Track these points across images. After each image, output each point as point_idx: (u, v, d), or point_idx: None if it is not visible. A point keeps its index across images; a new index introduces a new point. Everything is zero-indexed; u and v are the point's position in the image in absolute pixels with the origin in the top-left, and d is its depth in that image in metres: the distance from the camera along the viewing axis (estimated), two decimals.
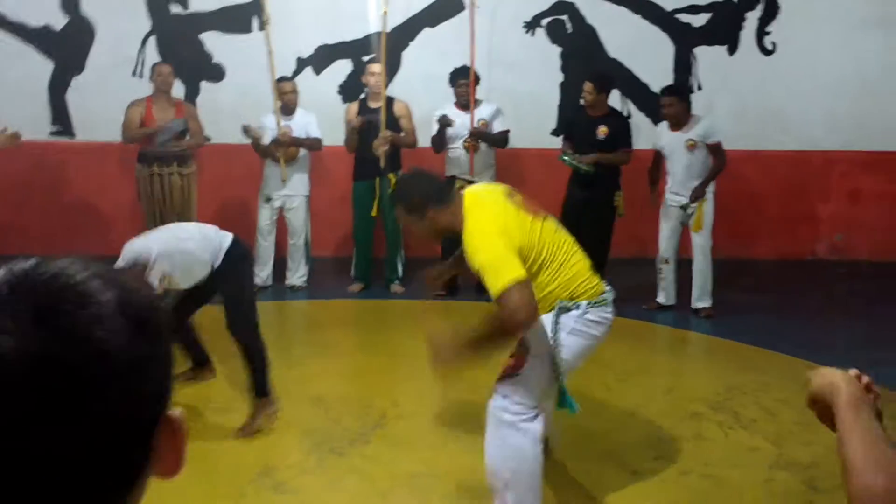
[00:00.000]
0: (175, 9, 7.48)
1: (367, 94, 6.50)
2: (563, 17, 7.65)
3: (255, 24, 7.36)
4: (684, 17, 7.73)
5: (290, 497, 3.44)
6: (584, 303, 2.98)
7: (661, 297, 6.26)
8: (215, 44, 7.54)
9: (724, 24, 7.74)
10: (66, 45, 7.44)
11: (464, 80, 6.33)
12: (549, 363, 2.95)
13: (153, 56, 7.29)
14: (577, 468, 3.67)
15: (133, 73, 7.38)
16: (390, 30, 6.79)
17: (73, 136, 7.57)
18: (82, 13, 7.42)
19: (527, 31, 7.65)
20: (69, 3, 7.40)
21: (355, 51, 7.53)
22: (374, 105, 6.39)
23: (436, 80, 6.79)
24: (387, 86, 6.53)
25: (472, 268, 2.79)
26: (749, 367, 5.03)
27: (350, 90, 7.44)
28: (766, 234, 7.94)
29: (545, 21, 7.64)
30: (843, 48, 7.68)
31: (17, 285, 0.64)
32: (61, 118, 7.56)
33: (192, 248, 3.98)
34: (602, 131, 6.05)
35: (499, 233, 2.78)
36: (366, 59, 7.16)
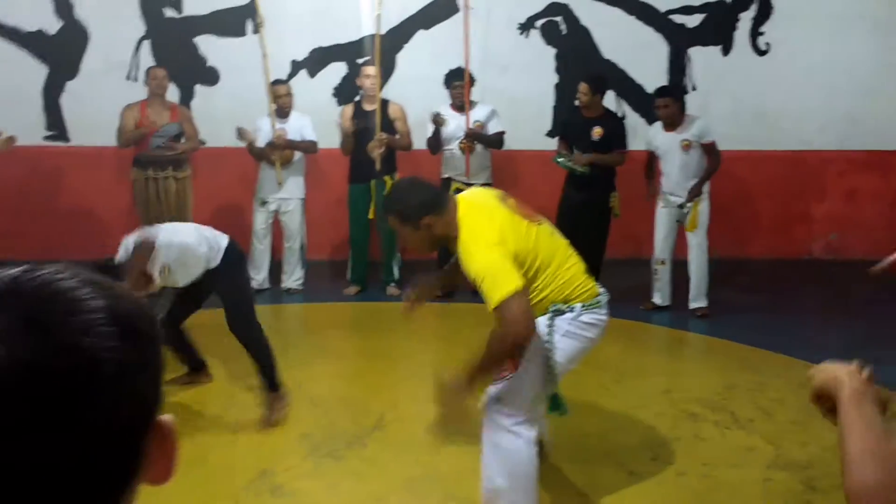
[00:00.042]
0: (169, 13, 7.47)
1: (361, 97, 6.50)
2: (558, 19, 7.66)
3: (249, 27, 7.36)
4: (678, 18, 7.74)
5: (287, 500, 3.43)
6: (579, 305, 2.97)
7: (656, 298, 6.27)
8: (209, 47, 7.53)
9: (718, 25, 7.76)
10: (60, 50, 7.42)
11: (458, 82, 6.33)
12: (542, 366, 2.94)
13: (147, 60, 7.28)
14: (574, 470, 3.67)
15: (127, 77, 7.36)
16: (385, 32, 6.79)
17: (67, 140, 7.55)
18: (76, 18, 7.41)
19: (521, 33, 7.66)
20: (63, 7, 7.38)
21: (350, 53, 7.53)
22: (368, 107, 6.39)
23: (430, 82, 6.78)
24: (381, 88, 6.53)
25: (467, 276, 2.78)
26: (745, 367, 5.04)
27: (345, 93, 7.44)
28: (762, 233, 7.96)
29: (539, 22, 7.65)
30: (836, 48, 7.70)
31: (5, 292, 0.64)
32: (56, 123, 7.54)
33: (191, 243, 4.06)
34: (597, 132, 6.05)
35: (495, 240, 2.76)
36: (360, 61, 7.16)
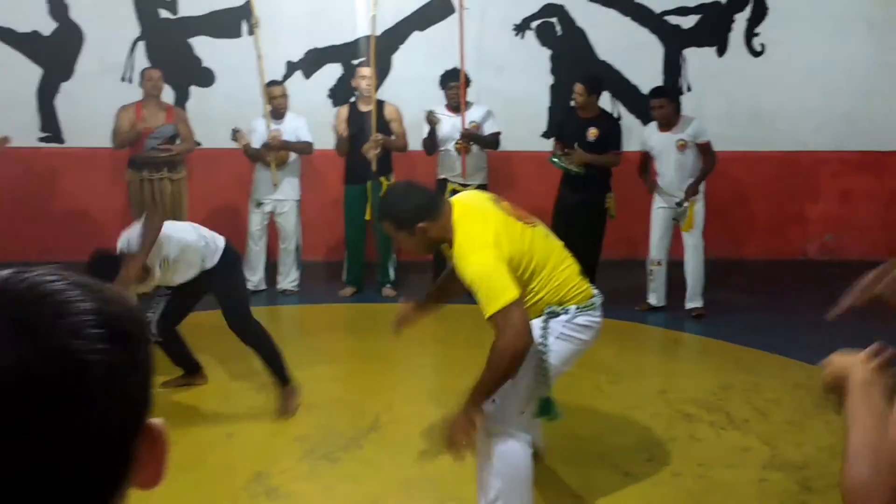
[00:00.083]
0: (164, 14, 7.46)
1: (357, 98, 6.49)
2: (553, 20, 7.66)
3: (244, 28, 7.35)
4: (673, 19, 7.75)
5: (283, 502, 3.42)
6: (573, 307, 2.97)
7: (651, 299, 6.27)
8: (204, 48, 7.52)
9: (713, 26, 7.77)
10: (55, 51, 7.41)
11: (454, 83, 6.33)
12: (536, 369, 2.92)
13: (142, 61, 7.26)
14: (569, 471, 3.67)
15: (122, 79, 7.35)
16: (380, 33, 6.79)
17: (62, 142, 7.53)
18: (71, 19, 7.39)
19: (516, 34, 7.66)
20: (57, 8, 7.36)
21: (345, 54, 7.52)
22: (364, 109, 6.38)
23: (426, 83, 6.78)
24: (377, 89, 6.53)
25: (462, 280, 2.77)
26: (741, 368, 5.04)
27: (340, 94, 7.44)
28: (757, 234, 7.97)
29: (535, 23, 7.65)
30: (831, 48, 7.72)
31: None
32: (50, 124, 7.52)
33: (190, 240, 4.09)
34: (592, 133, 6.05)
35: (489, 244, 2.75)
36: (355, 62, 7.15)
